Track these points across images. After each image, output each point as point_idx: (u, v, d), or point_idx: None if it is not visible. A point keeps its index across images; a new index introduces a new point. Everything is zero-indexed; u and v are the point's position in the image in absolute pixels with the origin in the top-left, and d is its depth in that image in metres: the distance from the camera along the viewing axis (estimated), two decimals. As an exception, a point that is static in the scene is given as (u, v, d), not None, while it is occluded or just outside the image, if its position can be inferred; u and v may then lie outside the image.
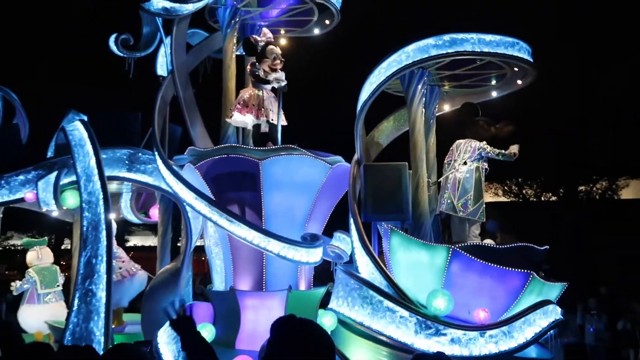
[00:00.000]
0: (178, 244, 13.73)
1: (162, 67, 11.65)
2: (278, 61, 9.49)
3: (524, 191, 26.34)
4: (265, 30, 10.02)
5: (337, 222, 9.68)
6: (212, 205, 8.73)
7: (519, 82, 9.04)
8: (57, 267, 11.49)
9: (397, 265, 7.98)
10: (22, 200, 9.99)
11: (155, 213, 11.41)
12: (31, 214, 10.38)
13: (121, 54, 10.61)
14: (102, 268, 8.17)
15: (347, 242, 9.86)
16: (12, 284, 10.87)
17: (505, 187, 26.32)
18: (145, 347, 7.36)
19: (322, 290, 9.26)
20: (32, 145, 10.96)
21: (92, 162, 8.79)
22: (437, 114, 9.63)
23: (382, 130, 10.06)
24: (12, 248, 32.37)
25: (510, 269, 7.26)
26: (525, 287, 7.26)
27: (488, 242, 8.50)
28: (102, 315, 8.05)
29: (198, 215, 9.81)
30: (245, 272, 9.16)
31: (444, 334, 6.98)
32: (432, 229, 8.69)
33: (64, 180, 9.73)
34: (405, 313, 7.18)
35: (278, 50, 9.68)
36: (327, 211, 9.62)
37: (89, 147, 8.97)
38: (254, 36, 9.97)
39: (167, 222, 10.34)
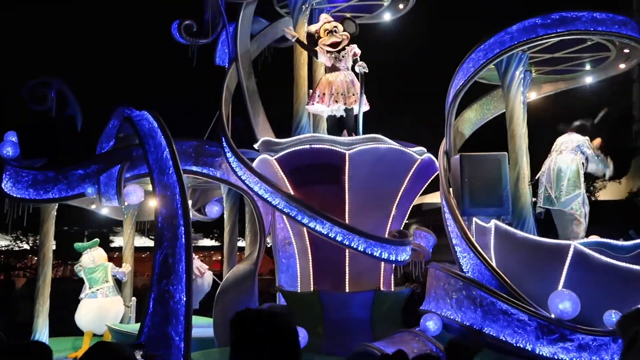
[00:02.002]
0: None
1: (220, 57, 11.09)
2: (335, 38, 8.77)
3: None
4: (323, 15, 9.41)
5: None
6: (291, 200, 8.12)
7: (622, 65, 8.37)
8: (109, 264, 10.91)
9: (500, 263, 7.32)
10: (82, 195, 9.42)
11: (213, 210, 10.82)
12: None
13: (184, 41, 10.04)
14: (181, 267, 7.55)
15: (428, 240, 9.23)
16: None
17: None
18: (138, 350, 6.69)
19: (407, 291, 8.64)
20: (88, 138, 10.41)
21: (166, 153, 8.18)
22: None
23: (466, 119, 9.42)
24: None
25: (638, 267, 6.60)
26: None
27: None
28: (182, 318, 7.42)
29: (268, 212, 9.23)
30: (324, 271, 8.53)
31: (571, 340, 6.32)
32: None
33: (128, 174, 9.18)
34: (524, 316, 6.53)
35: (332, 25, 8.95)
36: (408, 206, 8.98)
37: (160, 137, 8.36)
38: (310, 27, 9.36)
39: (234, 219, 9.73)
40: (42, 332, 9.42)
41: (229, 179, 9.29)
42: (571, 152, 8.09)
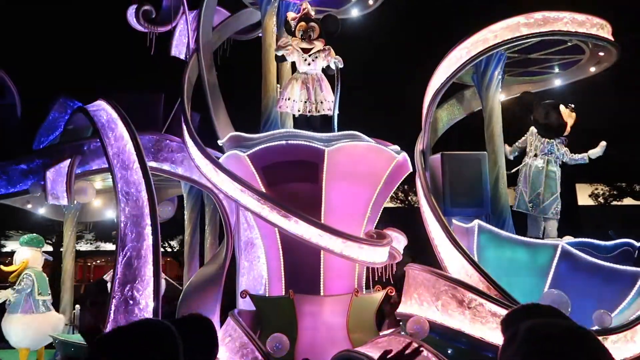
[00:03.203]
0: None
1: (177, 47, 10.43)
2: (307, 44, 8.39)
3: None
4: (305, 4, 9.00)
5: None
6: (263, 199, 7.65)
7: (593, 69, 8.52)
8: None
9: (485, 264, 7.19)
10: (24, 193, 8.51)
11: (166, 210, 10.11)
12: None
13: (142, 28, 9.31)
14: (148, 271, 6.88)
15: (399, 241, 9.01)
16: (4, 292, 9.22)
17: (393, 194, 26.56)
18: None
19: (380, 294, 8.35)
20: (30, 130, 9.44)
21: (129, 147, 7.47)
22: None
23: (437, 119, 9.28)
24: None
25: (622, 267, 6.65)
26: (637, 286, 6.66)
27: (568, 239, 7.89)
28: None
29: (232, 211, 8.70)
30: (297, 274, 8.09)
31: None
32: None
33: (78, 170, 8.36)
34: (514, 317, 6.38)
35: (309, 26, 8.59)
36: (381, 206, 8.72)
37: (122, 129, 7.65)
38: (289, 13, 8.93)
39: (195, 219, 9.11)
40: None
41: (192, 176, 8.68)
42: (545, 155, 8.11)
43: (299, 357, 7.55)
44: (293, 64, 9.26)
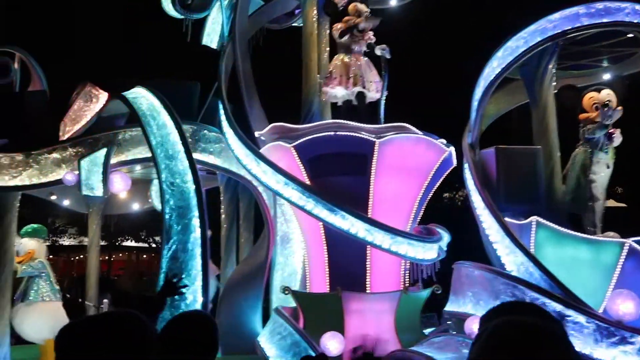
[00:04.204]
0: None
1: (209, 36, 10.10)
2: (362, 20, 8.20)
3: None
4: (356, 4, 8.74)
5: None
6: (309, 192, 7.37)
7: (646, 64, 8.27)
8: None
9: (543, 262, 6.91)
10: (56, 183, 8.18)
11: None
12: None
13: (177, 14, 8.99)
14: (196, 264, 6.57)
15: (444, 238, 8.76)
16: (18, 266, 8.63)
17: None
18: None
19: (426, 293, 8.08)
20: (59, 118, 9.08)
21: (174, 137, 7.15)
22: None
23: (483, 113, 8.99)
24: None
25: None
26: None
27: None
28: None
29: (272, 205, 8.40)
30: (342, 270, 7.81)
31: (631, 343, 6.00)
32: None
33: (114, 160, 8.04)
34: (581, 318, 6.14)
35: (363, 8, 8.39)
36: (425, 202, 8.45)
37: (165, 118, 7.32)
38: None
39: (232, 213, 8.78)
40: (3, 338, 8.03)
41: (230, 168, 8.38)
42: (581, 146, 7.82)
43: (345, 357, 7.28)
44: (332, 52, 9.04)
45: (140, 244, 27.59)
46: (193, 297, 6.56)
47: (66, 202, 9.98)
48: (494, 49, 7.69)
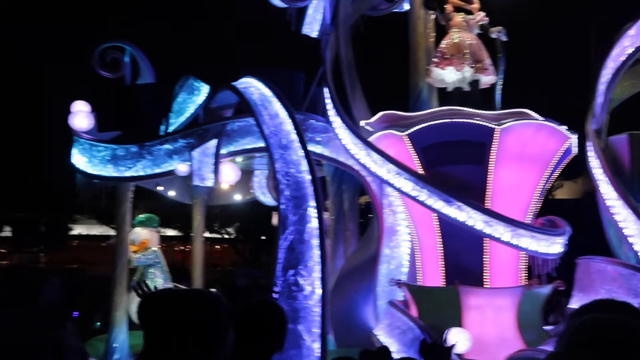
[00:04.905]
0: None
1: (309, 25, 9.99)
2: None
3: None
4: None
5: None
6: (423, 182, 7.08)
7: None
8: None
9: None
10: (168, 173, 8.32)
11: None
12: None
13: (282, 4, 8.92)
14: (313, 255, 6.47)
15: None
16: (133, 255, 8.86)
17: None
18: None
19: (548, 289, 7.61)
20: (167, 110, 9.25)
21: (287, 125, 7.07)
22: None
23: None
24: None
25: None
26: None
27: None
28: (315, 316, 6.36)
29: (382, 195, 8.18)
30: (457, 264, 7.49)
31: None
32: None
33: (224, 150, 8.09)
34: None
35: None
36: (544, 193, 7.97)
37: (277, 107, 7.26)
38: None
39: (339, 204, 8.63)
40: (120, 325, 8.30)
41: (337, 158, 8.23)
42: None
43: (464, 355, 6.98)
44: (438, 37, 8.72)
45: (214, 235, 28.50)
46: (311, 289, 6.46)
47: (172, 193, 10.17)
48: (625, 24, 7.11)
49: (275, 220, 10.00)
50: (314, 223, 6.61)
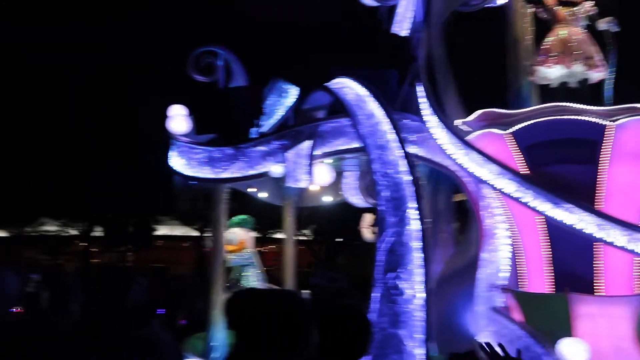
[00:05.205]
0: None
1: (399, 24, 9.81)
2: None
3: None
4: None
5: None
6: (528, 183, 6.74)
7: None
8: None
9: None
10: (262, 175, 8.39)
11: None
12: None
13: (374, 3, 8.82)
14: (414, 258, 6.30)
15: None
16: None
17: None
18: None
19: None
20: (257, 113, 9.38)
21: (383, 126, 6.95)
22: None
23: None
24: (46, 234, 33.31)
25: None
26: None
27: None
28: (418, 321, 6.18)
29: (480, 197, 7.88)
30: (565, 269, 7.09)
31: None
32: None
33: (317, 151, 8.06)
34: None
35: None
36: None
37: (372, 107, 7.15)
38: None
39: (435, 206, 8.39)
40: (218, 324, 8.44)
41: (433, 159, 8.00)
42: None
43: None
44: (538, 32, 8.33)
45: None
46: (413, 293, 6.29)
47: (263, 195, 10.27)
48: None
49: (366, 221, 9.89)
50: (414, 225, 6.43)
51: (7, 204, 28.82)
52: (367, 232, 9.81)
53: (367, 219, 9.74)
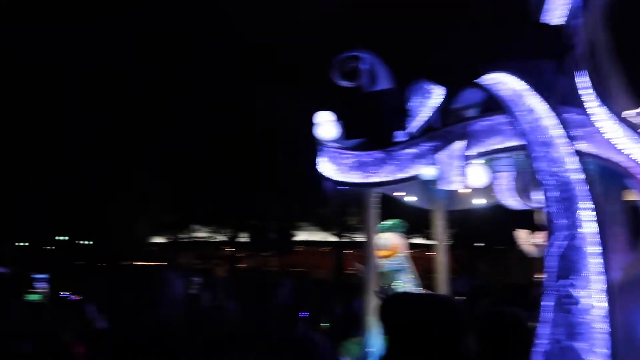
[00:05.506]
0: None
1: (551, 12, 9.14)
2: None
3: None
4: None
5: None
6: None
7: None
8: None
9: None
10: (413, 178, 8.22)
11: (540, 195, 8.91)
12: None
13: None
14: (588, 265, 5.75)
15: None
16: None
17: None
18: None
19: None
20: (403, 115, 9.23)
21: (547, 121, 6.48)
22: None
23: None
24: (197, 240, 35.13)
25: None
26: None
27: None
28: (597, 333, 5.63)
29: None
30: None
31: None
32: None
33: (471, 152, 7.73)
34: None
35: None
36: None
37: (532, 101, 6.70)
38: None
39: (602, 206, 7.63)
40: (373, 330, 8.40)
41: (600, 154, 7.31)
42: None
43: None
44: None
45: (428, 242, 28.41)
46: (589, 302, 5.74)
47: (412, 199, 10.07)
48: None
49: (521, 237, 9.29)
50: (586, 228, 5.88)
51: (162, 214, 31.48)
52: (528, 248, 9.22)
53: (522, 235, 9.17)
